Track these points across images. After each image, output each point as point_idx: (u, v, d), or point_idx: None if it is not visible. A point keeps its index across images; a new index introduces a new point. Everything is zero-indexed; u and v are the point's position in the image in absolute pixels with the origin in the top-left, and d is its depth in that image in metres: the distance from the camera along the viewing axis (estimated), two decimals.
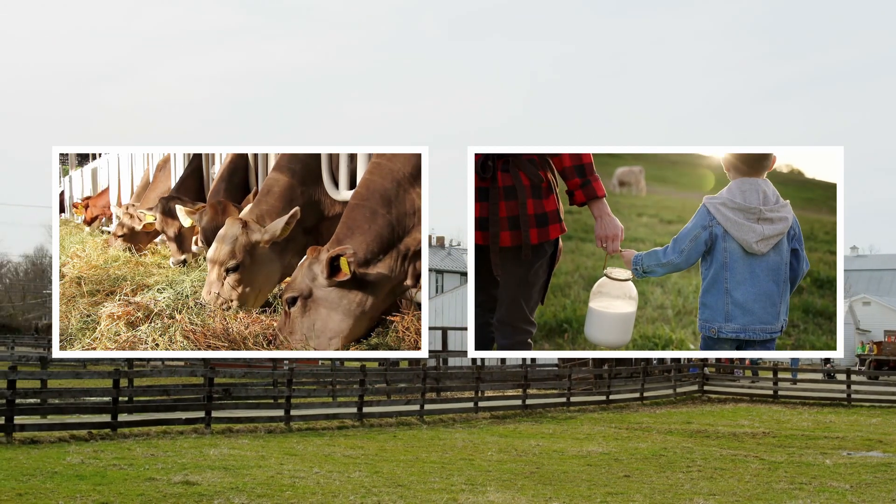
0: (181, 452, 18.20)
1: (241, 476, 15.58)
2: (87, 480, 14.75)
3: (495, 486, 15.48)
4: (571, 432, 24.64)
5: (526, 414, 29.29)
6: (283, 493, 14.22)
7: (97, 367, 37.50)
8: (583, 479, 16.59)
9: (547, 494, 14.89)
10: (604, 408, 32.38)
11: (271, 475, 15.81)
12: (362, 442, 21.25)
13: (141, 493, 13.86)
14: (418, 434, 23.31)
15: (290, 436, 22.13)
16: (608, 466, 18.33)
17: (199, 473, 15.67)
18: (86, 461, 16.72)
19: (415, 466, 17.54)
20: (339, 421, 24.91)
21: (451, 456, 19.22)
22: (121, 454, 17.72)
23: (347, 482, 15.38)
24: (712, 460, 19.51)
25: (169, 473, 15.62)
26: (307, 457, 18.39)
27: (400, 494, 14.38)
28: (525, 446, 21.18)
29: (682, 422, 28.29)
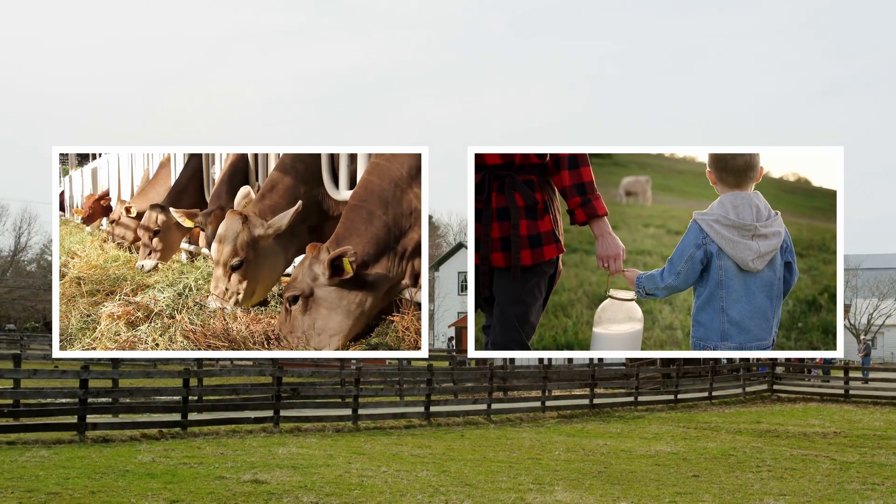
0: (250, 451, 18.34)
1: (309, 475, 15.67)
2: (159, 479, 14.92)
3: (563, 486, 15.44)
4: (639, 432, 24.51)
5: (593, 413, 29.18)
6: (352, 491, 14.28)
7: (167, 366, 37.94)
8: (651, 479, 16.51)
9: (615, 494, 14.82)
10: (672, 407, 32.17)
11: (339, 474, 15.89)
12: (429, 441, 21.28)
13: (211, 491, 13.98)
14: (485, 433, 23.30)
15: (357, 435, 22.21)
16: (676, 466, 18.22)
17: (268, 472, 15.78)
18: (157, 459, 16.90)
19: (482, 466, 17.53)
20: (407, 420, 24.96)
21: (518, 455, 19.20)
22: (191, 453, 17.89)
23: (415, 481, 15.41)
24: (782, 460, 19.32)
25: (238, 472, 15.75)
26: (375, 456, 18.45)
27: (467, 493, 14.39)
28: (592, 446, 21.11)
29: (752, 421, 28.03)
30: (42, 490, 13.64)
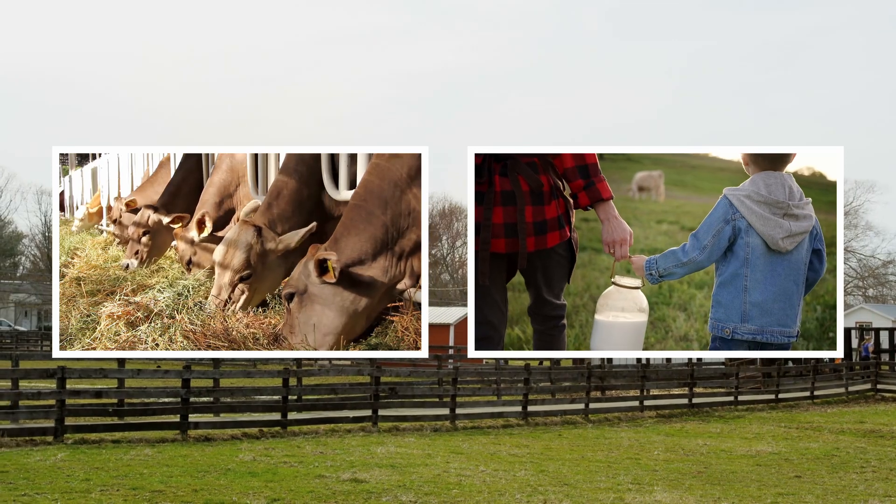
0: (349, 450, 18.48)
1: (407, 474, 15.75)
2: (259, 477, 15.10)
3: (662, 486, 15.34)
4: (740, 431, 24.24)
5: (692, 413, 28.93)
6: (450, 491, 14.33)
7: (267, 366, 38.35)
8: (752, 480, 16.32)
9: (715, 495, 14.68)
10: (773, 407, 31.79)
11: (438, 473, 15.94)
12: (527, 441, 21.27)
13: (311, 490, 14.12)
14: (583, 433, 23.22)
15: (455, 434, 22.27)
16: (778, 467, 17.99)
17: (367, 471, 15.89)
18: (257, 458, 17.11)
19: (580, 465, 17.48)
20: (504, 420, 24.97)
21: (616, 455, 19.10)
22: (291, 451, 18.08)
23: (513, 481, 15.42)
24: (887, 461, 18.99)
25: (338, 471, 15.88)
26: (473, 455, 18.49)
27: (566, 493, 14.35)
28: (692, 446, 20.93)
29: (855, 421, 27.58)
30: (146, 488, 13.88)
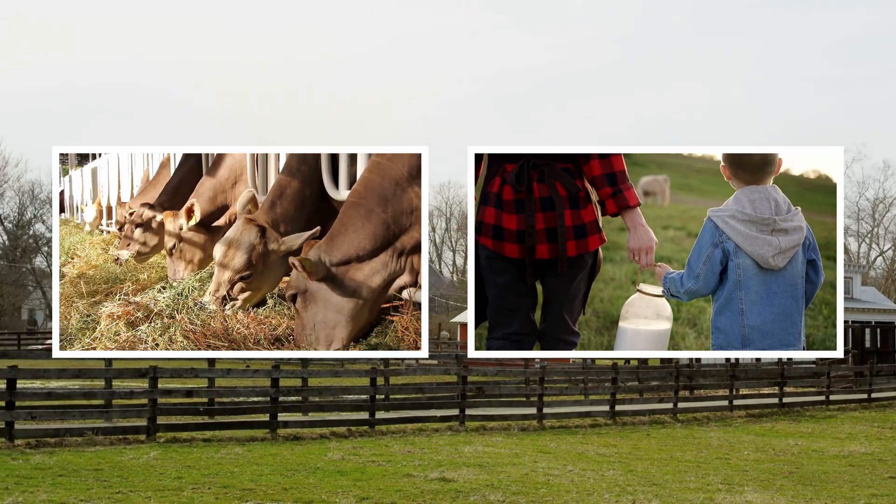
0: (437, 449, 18.53)
1: (495, 473, 15.75)
2: (348, 476, 15.20)
3: (753, 486, 15.18)
4: (831, 431, 23.92)
5: (783, 412, 28.61)
6: (538, 490, 14.31)
7: (354, 365, 38.58)
8: (845, 480, 16.10)
9: (807, 495, 14.50)
10: (865, 406, 31.34)
11: (525, 473, 15.93)
12: (615, 440, 21.17)
13: (399, 488, 14.18)
14: (672, 432, 23.06)
15: (542, 434, 22.24)
16: (871, 467, 17.73)
17: (455, 470, 15.93)
18: (346, 457, 17.22)
19: (669, 465, 17.36)
20: (592, 419, 24.88)
21: (706, 455, 18.94)
22: (379, 450, 18.18)
23: (601, 480, 15.36)
24: None
25: (425, 470, 15.93)
26: (560, 455, 18.45)
27: (655, 493, 14.27)
28: (783, 445, 20.69)
29: None
30: (237, 486, 14.05)
